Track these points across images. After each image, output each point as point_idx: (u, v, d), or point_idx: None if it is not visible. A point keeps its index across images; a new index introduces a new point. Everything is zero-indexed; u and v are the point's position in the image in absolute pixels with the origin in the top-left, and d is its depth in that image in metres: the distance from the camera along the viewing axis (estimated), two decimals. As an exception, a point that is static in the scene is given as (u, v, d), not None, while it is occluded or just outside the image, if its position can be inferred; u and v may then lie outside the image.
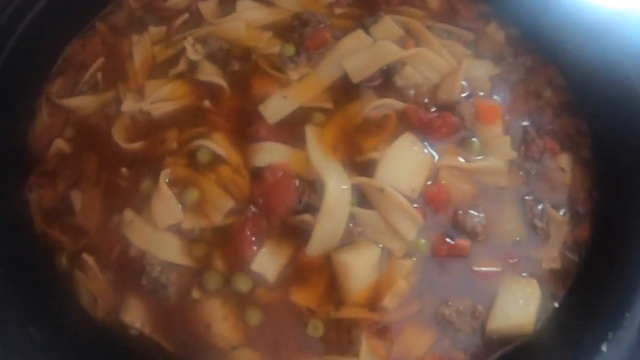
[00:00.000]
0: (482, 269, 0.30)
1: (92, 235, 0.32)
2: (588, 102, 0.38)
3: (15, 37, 0.35)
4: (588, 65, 0.37)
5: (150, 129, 0.35)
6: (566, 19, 0.38)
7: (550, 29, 0.40)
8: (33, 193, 0.35)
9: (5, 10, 0.35)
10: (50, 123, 0.38)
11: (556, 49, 0.40)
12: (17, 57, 0.35)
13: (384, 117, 0.33)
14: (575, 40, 0.37)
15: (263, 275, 0.29)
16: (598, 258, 0.32)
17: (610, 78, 0.34)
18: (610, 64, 0.34)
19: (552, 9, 0.38)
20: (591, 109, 0.38)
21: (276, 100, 0.33)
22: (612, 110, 0.35)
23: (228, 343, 0.28)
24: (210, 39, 0.38)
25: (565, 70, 0.41)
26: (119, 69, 0.39)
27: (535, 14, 0.41)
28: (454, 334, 0.29)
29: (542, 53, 0.41)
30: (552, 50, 0.41)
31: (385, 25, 0.37)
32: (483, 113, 0.34)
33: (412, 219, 0.29)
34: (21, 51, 0.36)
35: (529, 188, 0.33)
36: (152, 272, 0.30)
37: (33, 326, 0.27)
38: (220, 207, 0.30)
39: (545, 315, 0.30)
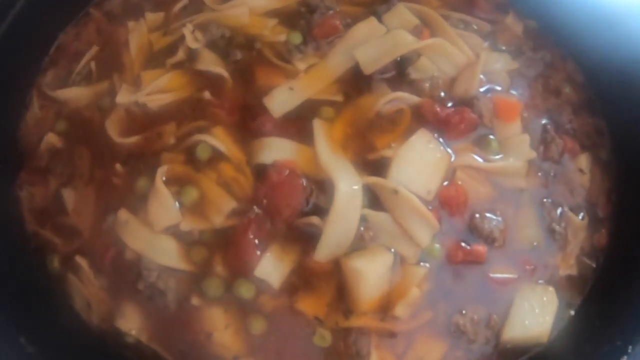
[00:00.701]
0: (498, 276, 0.27)
1: (85, 236, 0.29)
2: (608, 100, 0.35)
3: (5, 26, 0.31)
4: (608, 61, 0.33)
5: (147, 122, 0.31)
6: (586, 11, 0.33)
7: (570, 22, 0.36)
8: (24, 191, 0.31)
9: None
10: (42, 116, 0.34)
11: (576, 44, 0.36)
12: (7, 47, 0.31)
13: (397, 112, 0.30)
14: (595, 35, 0.33)
15: (267, 281, 0.26)
16: (616, 265, 0.29)
17: (631, 75, 0.31)
18: (631, 59, 0.30)
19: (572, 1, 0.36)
20: (611, 108, 0.34)
21: (282, 92, 0.29)
22: (632, 110, 0.31)
23: (229, 353, 0.25)
24: (211, 26, 0.34)
25: (585, 67, 0.37)
26: (114, 59, 0.35)
27: (554, 5, 0.36)
28: (467, 345, 0.26)
29: (561, 47, 0.37)
30: (572, 45, 0.37)
31: (399, 13, 0.32)
32: (502, 110, 0.31)
33: (427, 223, 0.26)
34: (11, 40, 0.32)
35: (547, 190, 0.30)
36: (149, 277, 0.26)
37: (24, 336, 0.24)
38: (221, 208, 0.27)
39: (561, 324, 0.27)
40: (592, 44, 0.34)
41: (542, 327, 0.26)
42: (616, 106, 0.34)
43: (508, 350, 0.26)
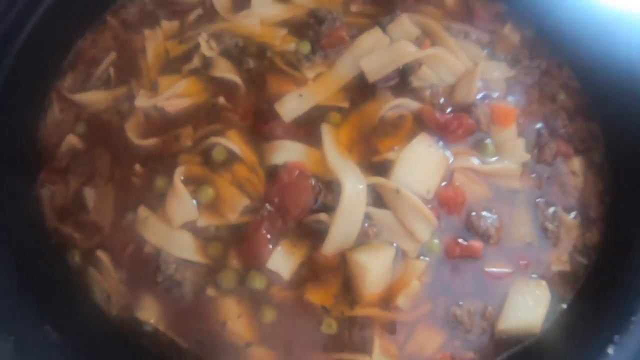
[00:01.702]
0: (494, 270, 0.31)
1: (106, 232, 0.33)
2: (602, 106, 0.39)
3: (26, 32, 0.36)
4: (603, 69, 0.37)
5: (164, 125, 0.35)
6: (582, 21, 0.38)
7: (566, 31, 0.40)
8: (45, 189, 0.36)
9: (16, 5, 0.35)
10: (62, 119, 0.38)
11: (571, 52, 0.41)
12: (28, 52, 0.36)
13: (399, 118, 0.34)
14: (591, 43, 0.38)
15: (278, 273, 0.30)
16: (607, 262, 0.33)
17: (625, 82, 0.35)
18: (625, 68, 0.35)
19: (568, 10, 0.39)
20: (605, 114, 0.39)
21: (292, 98, 0.34)
22: (626, 116, 0.35)
23: (242, 340, 0.29)
24: (225, 35, 0.39)
25: (580, 74, 0.41)
26: (132, 64, 0.40)
27: (551, 15, 0.41)
28: (464, 334, 0.30)
29: (558, 55, 0.42)
30: (568, 52, 0.41)
31: (402, 24, 0.37)
32: (498, 115, 0.35)
33: (426, 221, 0.30)
34: (32, 46, 0.36)
35: (541, 191, 0.34)
36: (167, 269, 0.30)
37: (48, 324, 0.27)
38: (235, 206, 0.31)
39: (554, 317, 0.31)
40: (587, 52, 0.39)
41: (535, 319, 0.30)
42: (610, 112, 0.38)
43: (503, 340, 0.30)
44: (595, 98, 0.40)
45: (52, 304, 0.29)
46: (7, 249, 0.29)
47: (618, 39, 0.35)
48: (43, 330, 0.27)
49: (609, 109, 0.38)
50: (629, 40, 0.35)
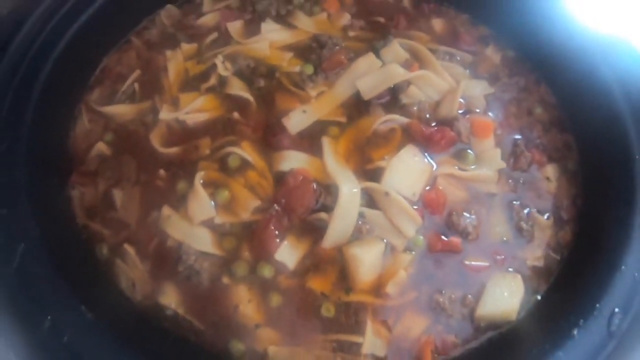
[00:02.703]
0: (473, 264, 0.39)
1: (132, 228, 0.41)
2: (577, 119, 0.48)
3: (59, 49, 0.45)
4: (578, 86, 0.47)
5: (185, 136, 0.45)
6: (560, 42, 0.48)
7: (545, 51, 0.50)
8: (75, 190, 0.44)
9: (49, 24, 0.45)
10: (91, 128, 0.48)
11: (549, 70, 0.50)
12: (60, 67, 0.45)
13: (390, 131, 0.43)
14: (568, 62, 0.47)
15: (284, 264, 0.38)
16: (578, 258, 0.40)
17: (598, 98, 0.44)
18: (599, 85, 0.44)
19: (548, 32, 0.49)
20: (579, 126, 0.48)
21: (297, 114, 0.43)
22: (599, 128, 0.44)
23: (252, 322, 0.37)
24: (238, 57, 0.49)
25: (557, 90, 0.51)
26: (155, 81, 0.50)
27: (531, 37, 0.51)
28: (446, 319, 0.37)
29: (536, 73, 0.52)
30: (545, 70, 0.51)
31: (394, 49, 0.47)
32: (477, 128, 0.44)
33: (411, 219, 0.38)
34: (63, 61, 0.46)
35: (516, 194, 0.43)
36: (188, 260, 0.39)
37: (84, 305, 0.35)
38: (247, 206, 0.40)
39: (528, 306, 0.38)
40: (564, 71, 0.48)
41: (510, 308, 0.37)
42: (584, 124, 0.47)
43: (482, 326, 0.38)
44: (570, 112, 0.49)
45: (85, 290, 0.37)
46: (45, 242, 0.37)
47: (593, 58, 0.45)
48: (79, 311, 0.34)
49: (583, 122, 0.47)
50: (603, 59, 0.44)
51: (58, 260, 0.37)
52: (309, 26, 0.51)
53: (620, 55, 0.43)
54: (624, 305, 0.33)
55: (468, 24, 0.54)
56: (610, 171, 0.41)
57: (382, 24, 0.52)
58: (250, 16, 0.53)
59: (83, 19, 0.47)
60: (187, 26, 0.54)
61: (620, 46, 0.43)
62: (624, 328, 0.32)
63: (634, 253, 0.35)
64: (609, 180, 0.41)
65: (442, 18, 0.53)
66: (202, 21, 0.53)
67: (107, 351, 0.32)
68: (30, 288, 0.34)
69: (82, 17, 0.47)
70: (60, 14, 0.46)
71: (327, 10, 0.53)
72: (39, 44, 0.44)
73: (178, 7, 0.56)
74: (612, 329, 0.33)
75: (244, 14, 0.53)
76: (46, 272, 0.35)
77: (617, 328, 0.32)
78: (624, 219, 0.36)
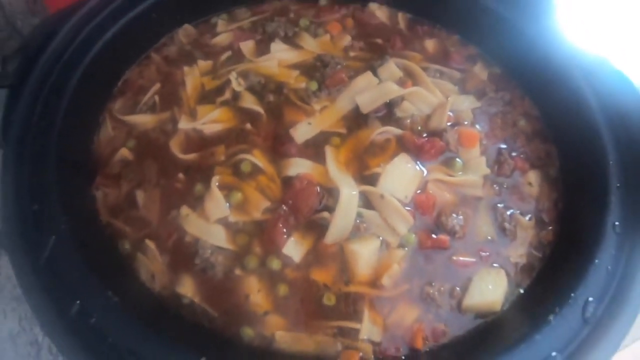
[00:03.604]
0: (460, 259, 0.47)
1: (153, 225, 0.50)
2: (558, 131, 0.58)
3: (85, 62, 0.55)
4: (559, 100, 0.56)
5: (202, 144, 0.54)
6: (542, 61, 0.58)
7: (529, 68, 0.60)
8: (99, 191, 0.53)
9: (76, 39, 0.55)
10: (114, 135, 0.57)
11: (533, 85, 0.61)
12: (87, 78, 0.54)
13: (385, 141, 0.53)
14: (550, 79, 0.57)
15: (291, 258, 0.46)
16: (559, 255, 0.48)
17: (578, 112, 0.52)
18: (577, 99, 0.53)
19: (532, 51, 0.59)
20: (560, 137, 0.57)
21: (303, 125, 0.53)
22: (578, 139, 0.53)
23: (261, 309, 0.45)
24: (250, 74, 0.59)
25: (539, 103, 0.61)
26: (174, 94, 0.60)
27: (516, 55, 0.61)
28: (436, 309, 0.45)
29: (521, 88, 0.61)
30: (529, 86, 0.61)
31: (390, 68, 0.58)
32: (465, 139, 0.54)
33: (404, 219, 0.47)
34: (89, 73, 0.55)
35: (500, 198, 0.52)
36: (204, 254, 0.47)
37: (110, 291, 0.42)
38: (258, 206, 0.48)
39: (512, 299, 0.46)
40: (546, 86, 0.58)
41: (494, 299, 0.45)
42: (564, 135, 0.56)
43: (468, 315, 0.45)
44: (551, 124, 0.59)
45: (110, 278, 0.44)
46: (73, 235, 0.44)
47: (573, 75, 0.55)
48: (106, 296, 0.40)
49: (563, 133, 0.57)
50: (582, 76, 0.54)
51: (85, 252, 0.44)
52: (314, 47, 0.62)
53: (597, 71, 0.53)
54: (597, 295, 0.40)
55: (458, 44, 0.65)
56: (588, 177, 0.49)
57: (379, 45, 0.63)
58: (260, 37, 0.64)
59: (108, 35, 0.57)
60: (203, 44, 0.65)
61: (597, 63, 0.53)
62: (597, 315, 0.39)
63: (607, 249, 0.42)
64: (586, 185, 0.49)
65: (434, 39, 0.65)
66: (217, 40, 0.64)
67: (131, 332, 0.39)
68: (60, 276, 0.41)
69: (108, 33, 0.57)
70: (87, 29, 0.56)
71: (330, 33, 0.64)
72: (67, 57, 0.54)
73: (195, 26, 0.67)
74: (587, 316, 0.39)
75: (255, 35, 0.64)
76: (74, 262, 0.42)
77: (592, 315, 0.39)
78: (598, 219, 0.44)
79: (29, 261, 0.41)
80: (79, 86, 0.52)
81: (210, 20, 0.67)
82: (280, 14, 0.66)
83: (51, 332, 0.38)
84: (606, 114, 0.49)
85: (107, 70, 0.59)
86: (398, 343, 0.43)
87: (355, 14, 0.66)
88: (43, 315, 0.39)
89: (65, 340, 0.37)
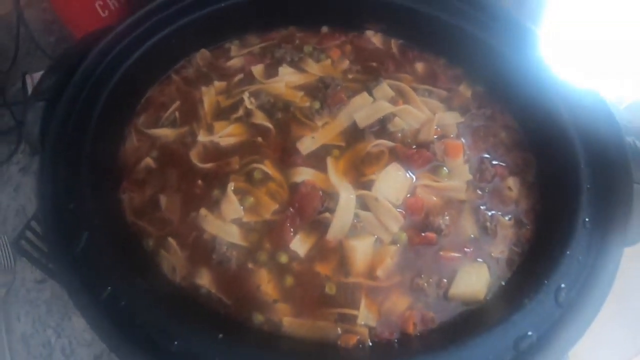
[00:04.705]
0: (446, 254, 0.58)
1: (175, 225, 0.61)
2: (535, 141, 0.71)
3: (113, 82, 0.68)
4: (536, 114, 0.69)
5: (219, 154, 0.67)
6: (521, 80, 0.71)
7: (509, 87, 0.74)
8: (125, 194, 0.65)
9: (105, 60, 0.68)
10: (139, 146, 0.71)
11: (513, 102, 0.74)
12: (113, 95, 0.67)
13: (379, 152, 0.66)
14: (528, 95, 0.70)
15: (297, 253, 0.57)
16: (537, 251, 0.59)
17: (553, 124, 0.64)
18: (553, 114, 0.65)
19: (513, 72, 0.72)
20: (537, 147, 0.70)
21: (307, 139, 0.65)
22: (553, 149, 0.65)
23: (270, 298, 0.55)
24: (261, 94, 0.74)
25: (518, 118, 0.74)
26: (192, 111, 0.74)
27: (498, 75, 0.75)
28: (425, 298, 0.56)
29: (501, 104, 0.75)
30: (510, 102, 0.75)
31: (383, 88, 0.73)
32: (450, 150, 0.67)
33: (396, 219, 0.59)
34: (116, 91, 0.68)
35: (483, 201, 0.64)
36: (220, 249, 0.59)
37: (139, 278, 0.52)
38: (268, 209, 0.59)
39: (494, 290, 0.57)
40: (525, 102, 0.71)
41: (477, 289, 0.56)
42: (541, 145, 0.69)
43: (454, 304, 0.55)
44: (529, 135, 0.72)
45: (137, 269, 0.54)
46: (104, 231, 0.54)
47: (548, 92, 0.67)
48: (135, 282, 0.49)
49: (540, 144, 0.69)
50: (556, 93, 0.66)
51: (114, 246, 0.52)
52: (317, 70, 0.77)
53: (569, 89, 0.65)
54: (569, 282, 0.48)
55: (445, 66, 0.80)
56: (562, 181, 0.60)
57: (374, 68, 0.78)
58: (269, 61, 0.79)
59: (133, 58, 0.71)
60: (218, 67, 0.80)
61: (570, 82, 0.65)
62: (569, 300, 0.47)
63: (578, 242, 0.51)
64: (560, 188, 0.60)
65: (423, 62, 0.80)
66: (231, 64, 0.80)
67: (157, 313, 0.47)
68: (93, 265, 0.49)
69: (133, 56, 0.71)
70: (115, 52, 0.69)
71: (331, 57, 0.80)
72: (97, 76, 0.64)
73: (210, 51, 0.83)
74: (560, 300, 0.47)
75: (265, 59, 0.80)
76: (106, 254, 0.50)
77: (564, 300, 0.47)
78: (571, 217, 0.54)
79: (66, 252, 0.50)
80: (108, 102, 0.64)
81: (224, 46, 0.82)
82: (287, 41, 0.81)
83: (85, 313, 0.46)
84: (577, 125, 0.61)
85: (132, 88, 0.71)
86: (391, 328, 0.53)
87: (353, 41, 0.81)
88: (78, 298, 0.47)
89: (98, 319, 0.46)
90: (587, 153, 0.57)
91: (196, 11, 0.74)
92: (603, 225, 0.52)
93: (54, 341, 0.81)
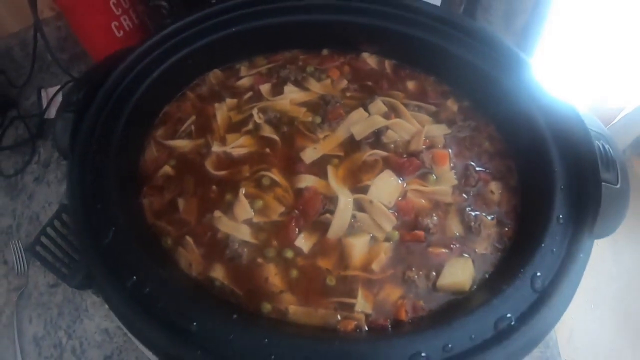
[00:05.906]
0: (434, 250, 0.71)
1: (192, 225, 0.74)
2: (516, 150, 0.85)
3: (135, 98, 0.77)
4: (518, 126, 0.83)
5: (231, 163, 0.80)
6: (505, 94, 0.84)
7: (494, 101, 0.88)
8: (146, 199, 0.79)
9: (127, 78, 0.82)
10: (158, 155, 0.85)
11: (496, 114, 0.89)
12: (134, 110, 0.76)
13: (374, 161, 0.78)
14: (510, 109, 0.84)
15: (301, 249, 0.67)
16: (517, 247, 0.71)
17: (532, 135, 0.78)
18: (532, 125, 0.79)
19: (497, 87, 0.85)
20: (518, 155, 0.84)
21: (310, 150, 0.76)
22: (532, 156, 0.78)
23: (277, 289, 0.63)
24: (268, 110, 0.90)
25: (501, 129, 0.89)
26: (207, 125, 0.90)
27: (482, 91, 0.89)
28: (415, 289, 0.68)
29: (486, 117, 0.89)
30: (493, 115, 0.90)
31: (377, 104, 0.88)
32: (437, 158, 0.81)
33: (388, 219, 0.72)
34: (137, 106, 0.76)
35: (467, 203, 0.77)
36: (233, 246, 0.72)
37: (162, 269, 0.59)
38: (276, 211, 0.70)
39: (478, 282, 0.69)
40: (507, 114, 0.85)
41: (463, 280, 0.67)
42: (522, 153, 0.82)
43: (442, 294, 0.67)
44: (511, 144, 0.86)
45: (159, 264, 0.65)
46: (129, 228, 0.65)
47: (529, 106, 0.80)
48: (157, 272, 0.57)
49: (521, 152, 0.83)
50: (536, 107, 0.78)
51: (138, 242, 0.60)
52: (318, 89, 0.93)
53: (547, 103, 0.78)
54: (544, 270, 0.56)
55: (434, 83, 0.96)
56: (539, 183, 0.71)
57: (370, 87, 0.94)
58: (275, 80, 0.96)
59: (152, 76, 0.85)
60: (229, 86, 0.97)
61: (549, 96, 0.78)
62: (544, 286, 0.55)
63: (552, 235, 0.61)
64: (537, 189, 0.72)
65: (414, 80, 0.97)
66: (240, 83, 0.97)
67: (178, 299, 0.54)
68: (119, 257, 0.57)
69: (152, 74, 0.85)
70: (136, 71, 0.78)
71: (331, 77, 0.96)
72: (119, 92, 0.75)
73: (222, 71, 1.00)
74: (536, 287, 0.55)
75: (271, 79, 0.96)
76: (130, 248, 0.58)
77: (540, 286, 0.55)
78: (546, 214, 0.65)
79: (94, 244, 0.58)
80: (129, 115, 0.74)
81: (235, 66, 0.98)
82: (291, 62, 0.97)
83: (110, 299, 0.54)
84: (553, 133, 0.72)
85: (151, 104, 0.81)
86: (385, 315, 0.64)
87: (351, 62, 0.97)
88: (105, 286, 0.55)
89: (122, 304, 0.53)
90: (561, 157, 0.69)
91: (210, 35, 0.90)
92: (575, 220, 0.60)
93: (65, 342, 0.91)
